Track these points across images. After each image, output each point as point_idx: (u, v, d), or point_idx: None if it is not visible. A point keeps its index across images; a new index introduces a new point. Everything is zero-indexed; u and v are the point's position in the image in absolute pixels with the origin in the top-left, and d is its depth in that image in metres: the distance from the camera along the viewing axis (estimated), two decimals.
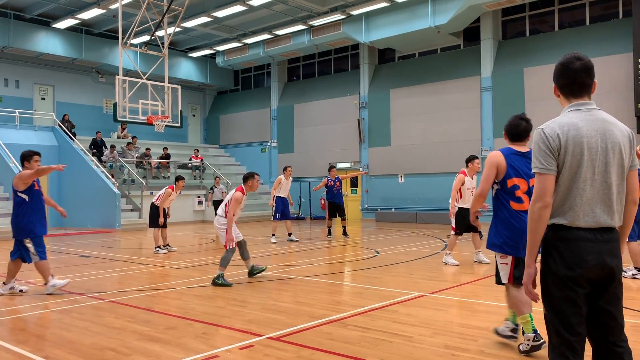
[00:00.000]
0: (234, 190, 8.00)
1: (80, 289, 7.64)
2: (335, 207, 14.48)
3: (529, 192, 4.45)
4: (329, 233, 14.53)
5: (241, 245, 8.15)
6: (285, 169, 14.24)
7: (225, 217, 7.88)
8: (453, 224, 9.55)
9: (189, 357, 4.42)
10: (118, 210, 18.50)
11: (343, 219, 14.66)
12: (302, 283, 7.86)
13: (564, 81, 2.71)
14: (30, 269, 10.24)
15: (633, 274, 7.91)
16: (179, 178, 12.22)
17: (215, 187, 19.29)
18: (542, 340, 4.20)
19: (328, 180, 14.47)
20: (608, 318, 2.61)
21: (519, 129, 4.54)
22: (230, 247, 7.79)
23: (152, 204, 12.11)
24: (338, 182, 14.50)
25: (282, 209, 13.91)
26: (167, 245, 12.07)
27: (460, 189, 9.49)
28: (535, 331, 4.29)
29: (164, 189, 12.06)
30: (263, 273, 8.37)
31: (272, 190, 14.22)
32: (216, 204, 19.42)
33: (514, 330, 4.54)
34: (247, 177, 8.12)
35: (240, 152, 28.17)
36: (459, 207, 9.51)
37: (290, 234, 14.01)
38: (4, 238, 15.59)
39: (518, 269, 4.40)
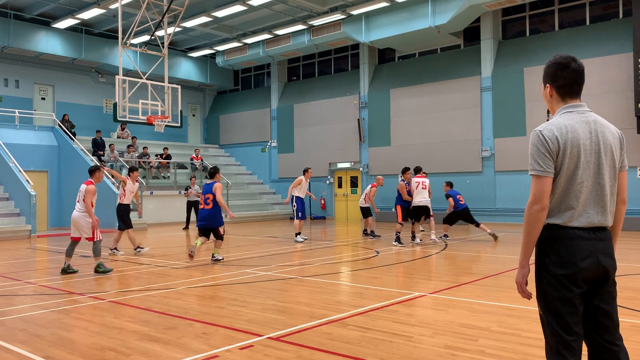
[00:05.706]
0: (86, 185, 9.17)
1: (80, 289, 7.64)
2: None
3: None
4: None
5: (76, 244, 9.26)
6: (306, 170, 14.23)
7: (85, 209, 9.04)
8: None
9: (189, 357, 4.42)
10: None
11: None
12: (302, 283, 7.86)
13: (565, 81, 2.71)
14: (31, 268, 10.23)
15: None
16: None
17: (191, 187, 18.42)
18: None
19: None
20: (604, 317, 2.62)
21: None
22: (98, 238, 8.99)
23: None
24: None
25: (302, 209, 14.11)
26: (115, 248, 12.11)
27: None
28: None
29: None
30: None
31: (290, 187, 14.24)
32: (190, 204, 18.54)
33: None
34: (94, 170, 9.63)
35: (240, 152, 28.16)
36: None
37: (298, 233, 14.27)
38: (4, 238, 15.60)
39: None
